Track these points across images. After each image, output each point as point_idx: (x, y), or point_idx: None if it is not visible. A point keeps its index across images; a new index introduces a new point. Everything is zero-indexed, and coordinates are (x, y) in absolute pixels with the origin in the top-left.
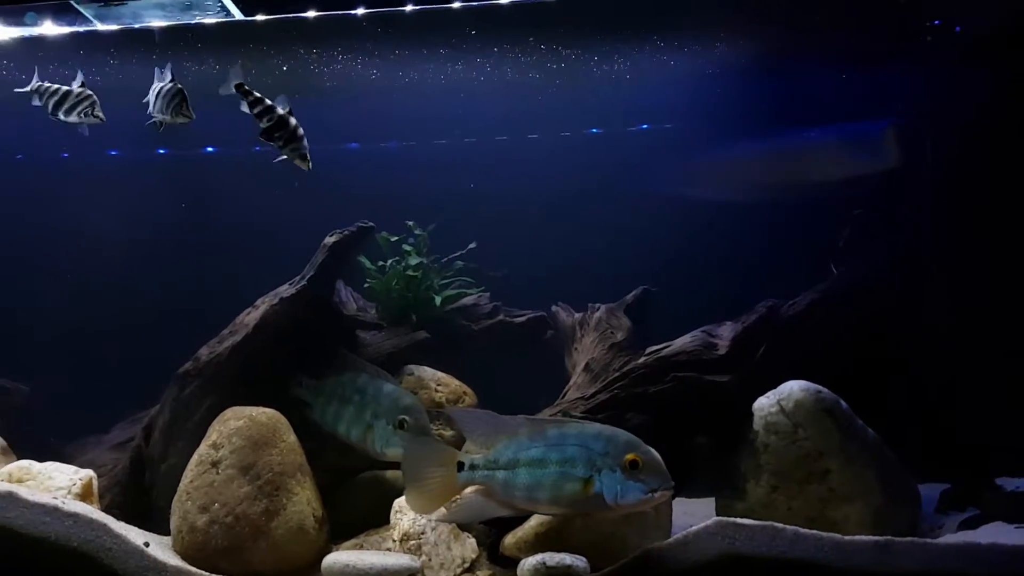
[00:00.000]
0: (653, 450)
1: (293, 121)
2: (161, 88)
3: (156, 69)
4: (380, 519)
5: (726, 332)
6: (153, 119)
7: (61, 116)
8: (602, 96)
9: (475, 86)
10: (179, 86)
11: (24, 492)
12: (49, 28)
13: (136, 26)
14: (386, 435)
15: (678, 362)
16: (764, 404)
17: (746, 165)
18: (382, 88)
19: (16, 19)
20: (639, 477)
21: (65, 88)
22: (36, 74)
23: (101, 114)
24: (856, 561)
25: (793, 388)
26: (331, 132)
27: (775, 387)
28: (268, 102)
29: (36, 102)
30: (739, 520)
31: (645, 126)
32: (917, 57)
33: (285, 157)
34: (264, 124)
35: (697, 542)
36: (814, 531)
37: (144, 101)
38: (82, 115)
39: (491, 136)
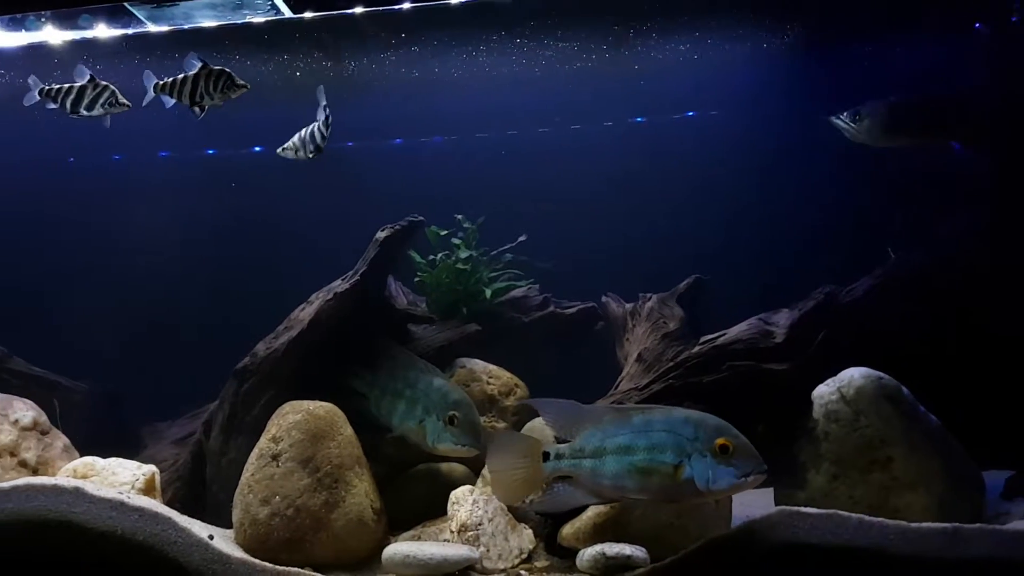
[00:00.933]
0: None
1: None
2: (195, 75)
3: (147, 71)
4: (435, 511)
5: (783, 320)
6: (197, 107)
7: (83, 112)
8: (645, 84)
9: (515, 78)
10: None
11: (90, 487)
12: (102, 31)
13: (186, 27)
14: (437, 430)
15: (734, 351)
16: (824, 392)
17: (796, 150)
18: (424, 83)
19: (70, 23)
20: (731, 461)
21: (78, 84)
22: (33, 79)
23: (125, 100)
24: (924, 548)
25: (854, 375)
26: (376, 129)
27: (834, 375)
28: None
29: (51, 105)
30: (803, 509)
31: (691, 113)
32: (978, 31)
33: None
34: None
35: (761, 531)
36: (880, 519)
37: (161, 95)
38: (106, 106)
39: (534, 128)
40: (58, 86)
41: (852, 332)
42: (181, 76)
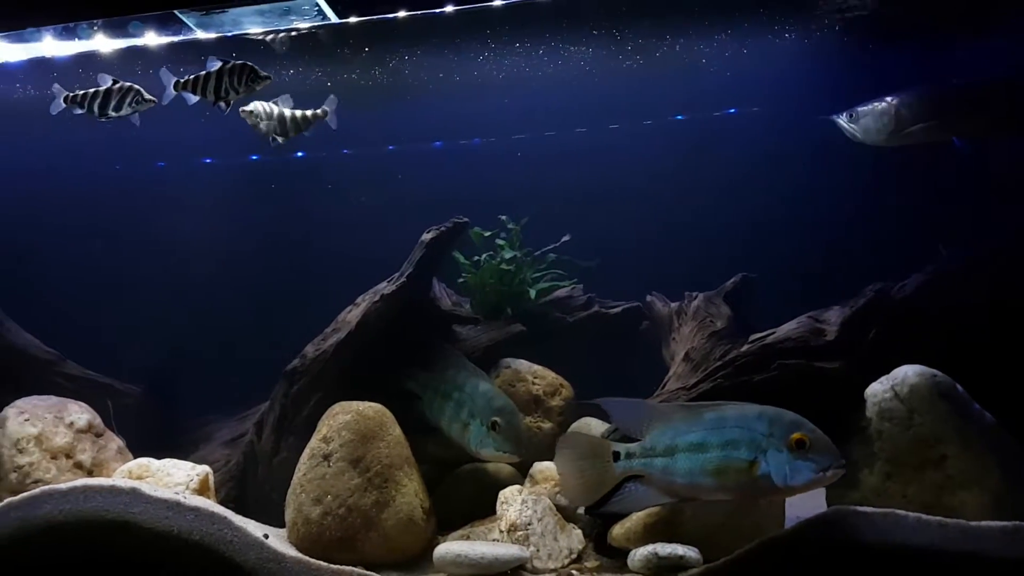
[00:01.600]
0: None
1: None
2: (217, 71)
3: (164, 69)
4: (483, 511)
5: (834, 317)
6: (223, 102)
7: (112, 113)
8: (685, 81)
9: (553, 79)
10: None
11: (147, 488)
12: (152, 38)
13: (232, 33)
14: (480, 435)
15: (784, 349)
16: (877, 390)
17: (841, 146)
18: (462, 86)
19: (120, 30)
20: (808, 456)
21: (103, 88)
22: (56, 87)
23: (151, 96)
24: (983, 547)
25: (907, 373)
26: (416, 132)
27: (887, 372)
28: None
29: (78, 111)
30: (859, 507)
31: (733, 110)
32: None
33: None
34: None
35: (817, 531)
36: (938, 517)
37: (183, 93)
38: (133, 105)
39: (571, 128)
40: (83, 91)
41: (904, 329)
42: (203, 73)
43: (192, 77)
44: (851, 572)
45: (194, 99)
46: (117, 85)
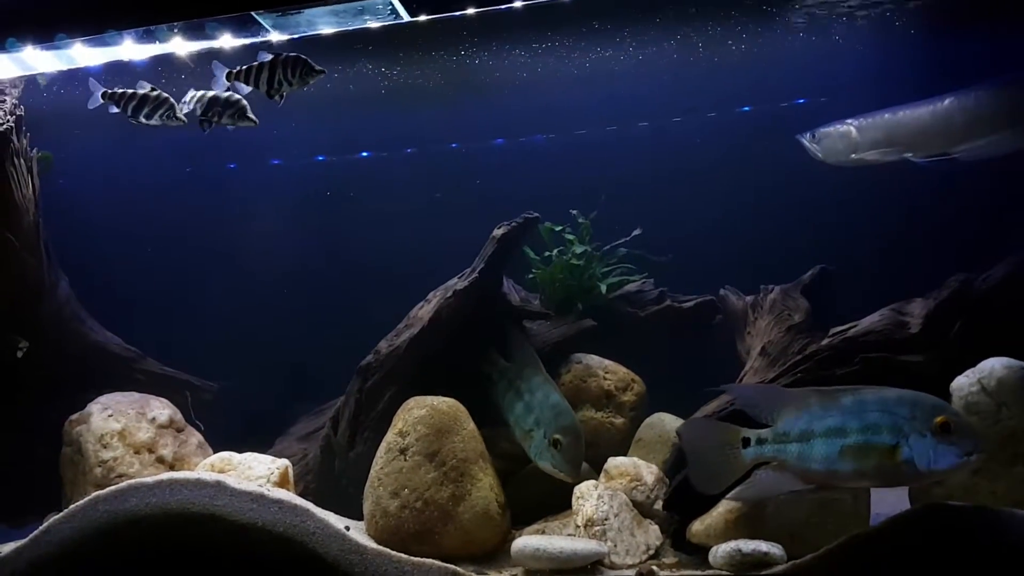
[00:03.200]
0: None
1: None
2: (271, 62)
3: (215, 61)
4: (555, 506)
5: (917, 309)
6: (277, 96)
7: (143, 119)
8: (749, 72)
9: (613, 74)
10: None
11: (231, 481)
12: (227, 41)
13: (302, 35)
14: (540, 446)
15: (866, 343)
16: (963, 383)
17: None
18: (524, 82)
19: (198, 33)
20: (952, 440)
21: (141, 92)
22: (92, 83)
23: (182, 116)
24: None
25: (995, 365)
26: (479, 130)
27: (973, 366)
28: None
29: (113, 109)
30: (950, 503)
31: (802, 100)
32: None
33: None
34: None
35: (907, 527)
36: None
37: (236, 83)
38: (164, 118)
39: (633, 123)
40: (120, 90)
41: (991, 321)
42: (256, 64)
43: (244, 68)
44: (943, 569)
45: (246, 90)
46: (155, 93)
